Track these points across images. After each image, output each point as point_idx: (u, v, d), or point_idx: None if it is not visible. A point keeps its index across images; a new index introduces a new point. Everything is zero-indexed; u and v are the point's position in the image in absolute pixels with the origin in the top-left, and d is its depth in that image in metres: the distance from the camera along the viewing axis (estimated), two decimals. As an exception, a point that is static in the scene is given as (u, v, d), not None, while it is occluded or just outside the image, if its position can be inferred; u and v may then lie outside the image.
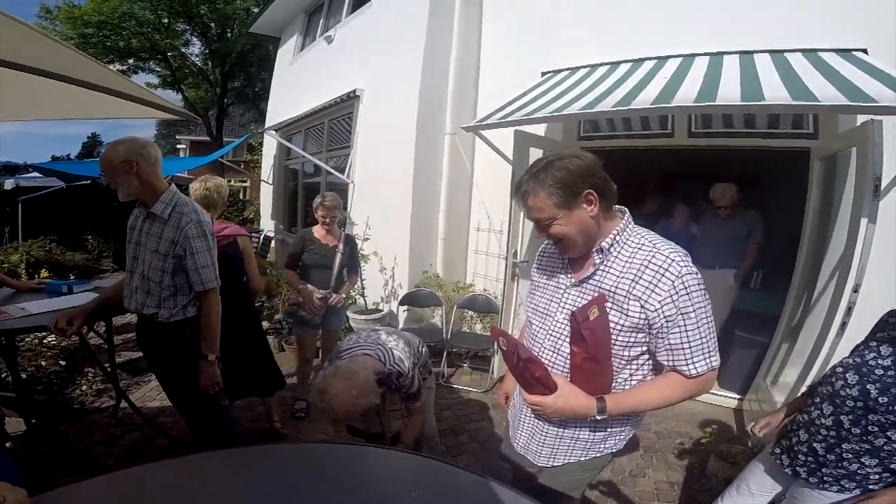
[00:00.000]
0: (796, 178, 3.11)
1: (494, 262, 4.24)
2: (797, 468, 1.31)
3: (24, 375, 2.93)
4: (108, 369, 2.71)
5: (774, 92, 2.13)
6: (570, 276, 1.21)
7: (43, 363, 3.17)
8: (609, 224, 1.13)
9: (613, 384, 1.15)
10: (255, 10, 9.02)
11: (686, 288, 1.02)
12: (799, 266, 2.92)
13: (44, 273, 5.41)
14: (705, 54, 2.90)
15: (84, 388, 3.16)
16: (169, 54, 15.80)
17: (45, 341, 3.38)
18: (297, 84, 6.86)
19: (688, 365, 1.06)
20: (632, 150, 3.80)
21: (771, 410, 1.58)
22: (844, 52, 2.51)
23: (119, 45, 14.42)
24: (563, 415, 1.14)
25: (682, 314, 1.03)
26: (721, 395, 3.28)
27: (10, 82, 1.47)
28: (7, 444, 2.20)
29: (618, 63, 3.19)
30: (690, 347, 1.05)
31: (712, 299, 3.58)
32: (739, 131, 3.35)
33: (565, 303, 1.19)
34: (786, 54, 2.63)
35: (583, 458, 1.27)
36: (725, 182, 3.46)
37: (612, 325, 1.08)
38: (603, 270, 1.12)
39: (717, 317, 3.39)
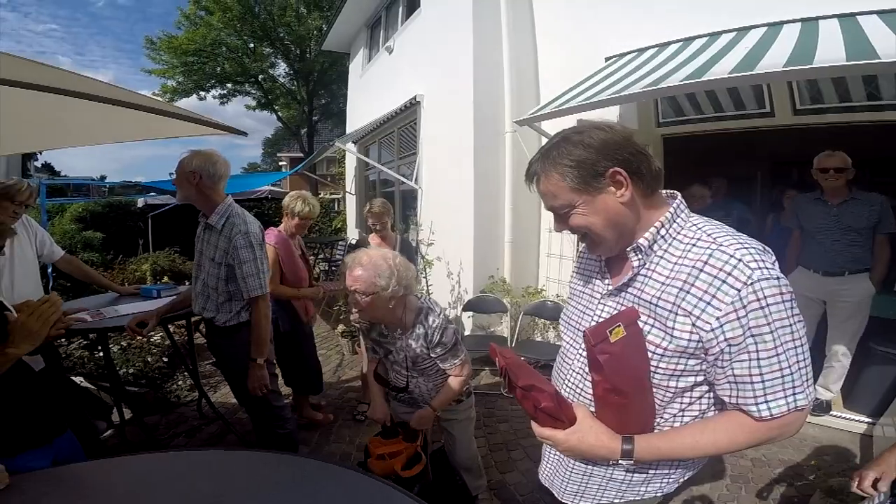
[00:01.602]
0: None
1: (569, 265, 3.97)
2: None
3: (132, 370, 3.37)
4: (191, 367, 3.01)
5: (892, 50, 1.69)
6: (607, 281, 0.98)
7: (149, 359, 3.61)
8: (654, 214, 0.88)
9: (658, 419, 0.90)
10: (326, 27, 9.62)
11: (760, 300, 0.74)
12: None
13: (165, 279, 6.21)
14: (796, 21, 2.43)
15: (180, 383, 3.56)
16: (260, 77, 17.34)
17: (151, 340, 3.85)
18: (368, 96, 7.15)
19: (758, 404, 0.78)
20: (723, 135, 3.26)
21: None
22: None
23: (216, 70, 16.14)
24: (578, 455, 0.91)
25: (752, 336, 0.75)
26: (845, 418, 2.74)
27: (80, 109, 1.72)
28: (109, 432, 2.53)
29: (691, 39, 2.79)
30: (763, 381, 0.77)
31: (844, 313, 2.64)
32: (860, 105, 2.77)
33: (599, 316, 0.96)
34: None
35: (616, 502, 1.03)
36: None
37: (651, 348, 0.83)
38: (645, 275, 0.88)
39: (851, 334, 2.74)
